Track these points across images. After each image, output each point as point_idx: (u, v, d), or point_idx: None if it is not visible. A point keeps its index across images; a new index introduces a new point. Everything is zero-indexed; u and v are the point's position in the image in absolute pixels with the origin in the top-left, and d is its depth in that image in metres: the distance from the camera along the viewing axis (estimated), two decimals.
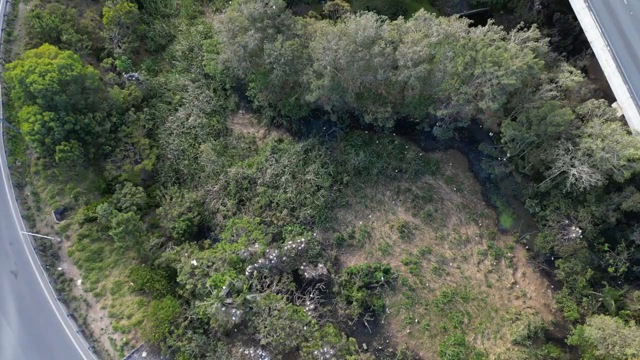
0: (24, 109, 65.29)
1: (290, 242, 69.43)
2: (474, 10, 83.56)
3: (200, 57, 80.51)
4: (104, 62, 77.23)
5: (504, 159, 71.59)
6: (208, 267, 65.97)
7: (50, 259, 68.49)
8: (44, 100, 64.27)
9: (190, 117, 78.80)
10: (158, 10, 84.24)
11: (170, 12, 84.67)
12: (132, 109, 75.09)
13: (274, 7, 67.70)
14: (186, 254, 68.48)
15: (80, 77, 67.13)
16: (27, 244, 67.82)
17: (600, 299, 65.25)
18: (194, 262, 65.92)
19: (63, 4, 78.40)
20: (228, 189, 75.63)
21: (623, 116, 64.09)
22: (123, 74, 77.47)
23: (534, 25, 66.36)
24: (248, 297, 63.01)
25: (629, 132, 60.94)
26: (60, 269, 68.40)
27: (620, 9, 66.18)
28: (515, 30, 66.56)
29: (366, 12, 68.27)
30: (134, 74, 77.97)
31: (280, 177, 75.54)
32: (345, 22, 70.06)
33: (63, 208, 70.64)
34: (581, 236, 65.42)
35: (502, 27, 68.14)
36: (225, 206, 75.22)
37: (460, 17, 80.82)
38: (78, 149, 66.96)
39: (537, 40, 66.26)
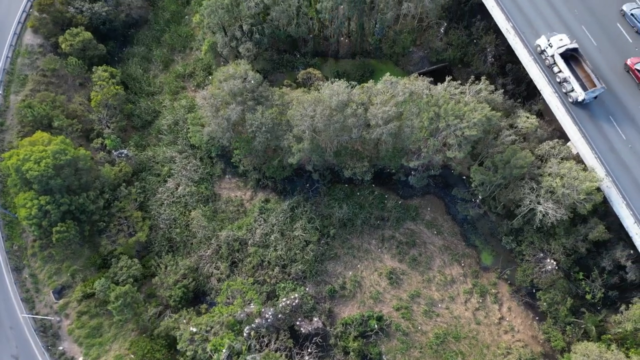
0: (20, 195, 68.43)
1: (284, 299, 72.04)
2: (434, 67, 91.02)
3: (185, 130, 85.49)
4: (94, 143, 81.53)
5: (477, 201, 76.65)
6: (207, 331, 67.89)
7: (51, 339, 69.57)
8: (40, 185, 67.65)
9: (179, 186, 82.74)
10: (143, 90, 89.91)
11: (154, 90, 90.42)
12: (124, 184, 78.81)
13: (252, 81, 73.75)
14: (184, 321, 70.39)
15: (74, 160, 71.00)
16: (27, 326, 69.02)
17: (583, 326, 68.75)
18: (193, 329, 67.83)
19: (52, 91, 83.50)
20: (220, 252, 78.59)
21: (578, 153, 70.18)
22: (113, 151, 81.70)
23: (483, 77, 73.20)
24: (248, 358, 64.81)
25: (585, 169, 66.67)
26: (61, 348, 69.38)
27: None
28: (468, 83, 73.23)
29: (337, 79, 74.77)
30: (123, 150, 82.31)
31: (270, 236, 79.01)
32: (318, 89, 76.37)
33: (61, 287, 72.47)
34: (556, 267, 69.82)
35: (460, 81, 75.26)
36: (218, 269, 77.90)
37: (422, 74, 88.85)
38: (74, 228, 69.79)
39: (492, 92, 73.07)
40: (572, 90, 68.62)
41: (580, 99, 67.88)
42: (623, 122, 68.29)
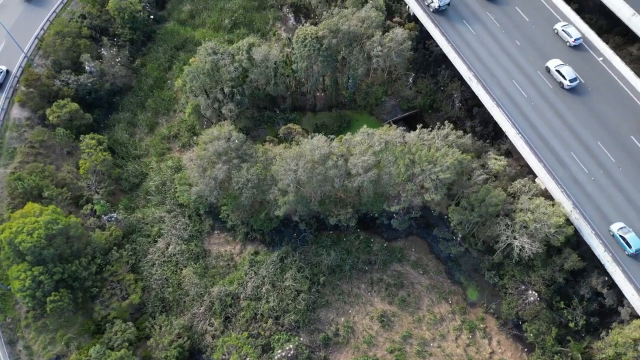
0: (13, 268, 69.41)
1: (279, 351, 73.10)
2: (406, 113, 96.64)
3: (173, 190, 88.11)
4: (84, 209, 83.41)
5: (458, 239, 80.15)
6: None
7: None
8: (33, 256, 68.89)
9: (169, 245, 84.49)
10: (129, 154, 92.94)
11: (141, 153, 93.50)
12: (115, 247, 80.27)
13: (236, 140, 77.71)
14: None
15: (65, 228, 72.65)
16: None
17: (570, 354, 71.17)
18: None
19: (40, 161, 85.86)
20: (213, 308, 79.65)
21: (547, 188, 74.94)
22: (102, 216, 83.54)
23: (447, 122, 77.88)
24: None
25: (554, 204, 71.12)
26: None
27: (523, 102, 79.85)
28: (435, 129, 77.98)
29: (316, 133, 79.23)
30: (112, 214, 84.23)
31: (261, 288, 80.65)
32: (299, 144, 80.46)
33: (56, 357, 72.28)
34: (538, 298, 72.90)
35: (431, 127, 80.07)
36: (212, 326, 78.72)
37: (395, 121, 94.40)
38: (67, 296, 70.65)
39: (461, 136, 78.01)
40: (432, 2, 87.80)
41: (436, 6, 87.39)
42: (473, 22, 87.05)
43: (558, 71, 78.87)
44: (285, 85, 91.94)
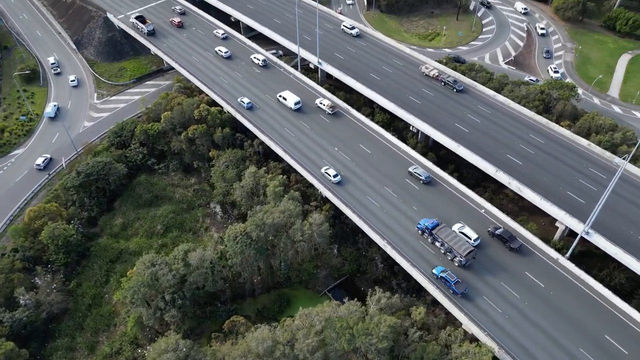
0: None
1: None
2: (338, 281, 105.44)
3: None
4: None
5: None
6: None
7: None
8: None
9: None
10: None
11: None
12: None
13: (184, 349, 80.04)
14: None
15: None
16: None
17: None
18: None
19: None
20: None
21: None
22: None
23: (377, 287, 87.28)
24: None
25: (479, 345, 79.29)
26: None
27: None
28: (368, 296, 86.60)
29: (259, 325, 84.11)
30: None
31: None
32: (244, 336, 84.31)
33: None
34: None
35: (356, 297, 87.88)
36: None
37: (330, 289, 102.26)
38: None
39: (389, 297, 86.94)
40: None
41: None
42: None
43: None
44: (223, 279, 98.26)
